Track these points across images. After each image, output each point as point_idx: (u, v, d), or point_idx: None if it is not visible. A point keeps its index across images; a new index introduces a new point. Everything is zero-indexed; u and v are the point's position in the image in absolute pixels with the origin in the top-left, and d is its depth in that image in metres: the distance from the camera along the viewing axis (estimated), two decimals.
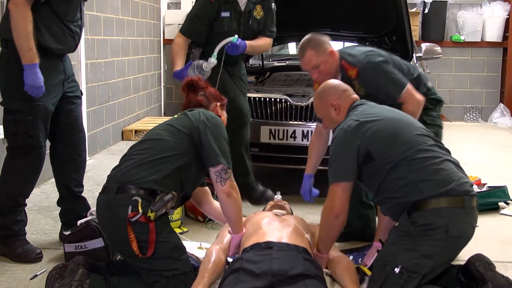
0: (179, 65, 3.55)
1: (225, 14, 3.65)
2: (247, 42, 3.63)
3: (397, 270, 2.30)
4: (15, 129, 2.91)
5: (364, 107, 2.65)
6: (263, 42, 3.83)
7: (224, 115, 2.89)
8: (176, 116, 2.71)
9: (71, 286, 2.32)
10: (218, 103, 2.87)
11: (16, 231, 3.06)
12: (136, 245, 2.34)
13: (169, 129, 2.59)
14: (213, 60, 3.40)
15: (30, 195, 3.13)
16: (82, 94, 3.28)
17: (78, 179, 3.24)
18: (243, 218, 2.81)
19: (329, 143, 2.92)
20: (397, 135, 2.48)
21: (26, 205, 3.11)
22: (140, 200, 2.36)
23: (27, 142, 2.93)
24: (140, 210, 2.34)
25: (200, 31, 3.65)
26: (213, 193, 2.86)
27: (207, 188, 2.95)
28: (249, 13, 3.71)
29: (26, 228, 3.13)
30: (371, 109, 2.64)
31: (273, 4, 3.81)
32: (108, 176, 2.54)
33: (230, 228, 2.70)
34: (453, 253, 2.39)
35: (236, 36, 3.53)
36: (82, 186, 3.30)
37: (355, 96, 2.76)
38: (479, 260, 2.43)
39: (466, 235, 2.37)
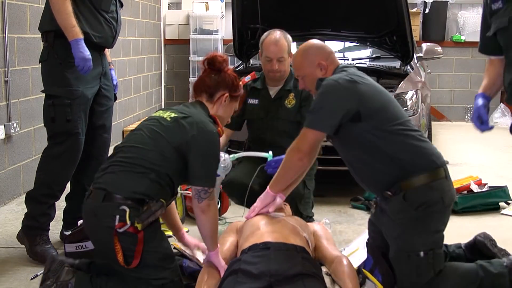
0: None
1: (253, 101, 3.54)
2: None
3: (422, 254, 2.39)
4: (54, 113, 2.99)
5: (353, 69, 2.64)
6: None
7: (231, 107, 2.68)
8: (168, 119, 2.49)
9: None
10: (227, 93, 2.62)
11: (41, 223, 3.07)
12: (122, 256, 2.28)
13: (157, 138, 2.43)
14: (228, 162, 3.18)
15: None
16: (116, 98, 3.32)
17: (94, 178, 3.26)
18: (240, 222, 2.81)
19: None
20: (387, 104, 2.54)
21: (59, 198, 3.13)
22: (128, 210, 2.27)
23: (66, 127, 2.99)
24: (128, 221, 2.26)
25: (232, 118, 3.35)
26: None
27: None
28: (279, 101, 3.51)
29: None
30: (360, 73, 2.64)
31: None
32: (95, 177, 2.46)
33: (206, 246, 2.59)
34: (449, 216, 2.52)
35: (271, 152, 3.18)
36: None
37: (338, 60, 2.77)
38: (486, 238, 2.70)
39: (454, 198, 2.53)
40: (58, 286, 2.32)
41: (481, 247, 2.68)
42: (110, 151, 2.87)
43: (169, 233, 3.34)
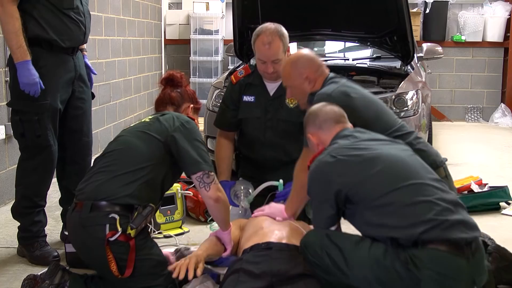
0: (222, 175, 3.21)
1: (248, 98, 3.28)
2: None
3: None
4: (23, 129, 2.89)
5: (343, 81, 2.56)
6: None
7: (196, 118, 2.76)
8: (147, 120, 2.57)
9: None
10: (191, 105, 2.74)
11: (35, 232, 3.04)
12: (115, 265, 2.24)
13: (141, 136, 2.45)
14: (244, 204, 3.04)
15: None
16: (94, 96, 3.24)
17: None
18: (245, 220, 2.81)
19: None
20: (380, 113, 2.46)
21: (44, 205, 3.09)
22: (117, 217, 2.25)
23: (36, 142, 2.91)
24: (119, 228, 2.23)
25: (227, 118, 3.34)
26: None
27: None
28: (279, 100, 3.23)
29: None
30: (351, 84, 2.56)
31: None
32: (77, 190, 2.42)
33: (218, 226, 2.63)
34: None
35: (281, 181, 2.97)
36: None
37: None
38: (485, 236, 2.63)
39: None
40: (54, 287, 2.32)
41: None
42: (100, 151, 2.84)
43: (170, 232, 3.35)
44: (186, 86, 2.78)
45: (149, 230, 3.11)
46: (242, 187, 3.07)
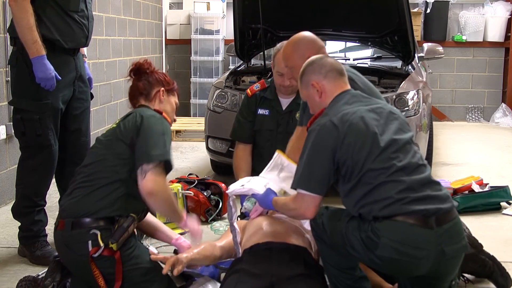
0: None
1: (263, 111, 3.46)
2: None
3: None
4: (24, 128, 2.90)
5: (347, 67, 2.53)
6: None
7: (171, 102, 2.62)
8: (114, 126, 2.48)
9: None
10: (162, 88, 2.58)
11: (35, 232, 3.04)
12: (103, 280, 2.22)
13: (110, 145, 2.39)
14: (247, 205, 3.04)
15: None
16: (92, 97, 3.25)
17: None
18: (244, 221, 2.80)
19: None
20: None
21: (44, 205, 3.09)
22: (99, 232, 2.22)
23: (36, 141, 2.92)
24: (102, 244, 2.21)
25: (244, 129, 3.48)
26: None
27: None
28: (290, 114, 3.43)
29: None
30: (354, 71, 2.56)
31: None
32: (60, 204, 2.39)
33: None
34: None
35: None
36: None
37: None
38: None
39: None
40: (57, 285, 2.32)
41: None
42: None
43: (179, 230, 3.32)
44: (154, 70, 2.63)
45: (143, 236, 3.07)
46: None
